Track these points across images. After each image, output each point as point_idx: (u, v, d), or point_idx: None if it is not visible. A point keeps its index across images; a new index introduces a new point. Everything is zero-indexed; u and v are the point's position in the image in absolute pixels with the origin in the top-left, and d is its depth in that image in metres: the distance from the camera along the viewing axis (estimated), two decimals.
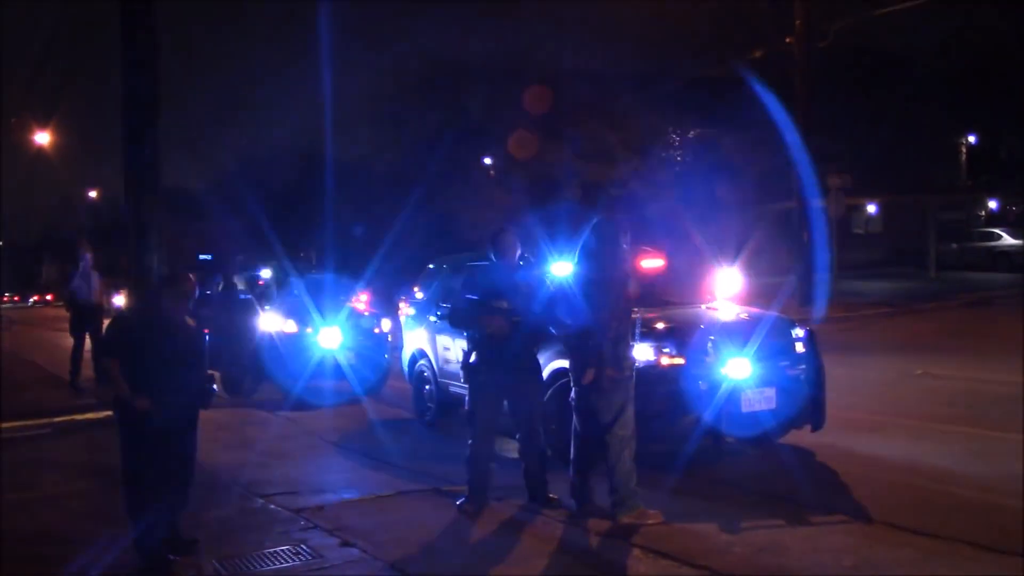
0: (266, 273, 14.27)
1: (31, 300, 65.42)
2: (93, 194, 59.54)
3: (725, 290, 9.16)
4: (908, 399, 10.41)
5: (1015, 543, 5.47)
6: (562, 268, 6.89)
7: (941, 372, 11.94)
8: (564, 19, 54.15)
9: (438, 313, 9.73)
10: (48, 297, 64.18)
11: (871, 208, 36.99)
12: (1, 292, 41.64)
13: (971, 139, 40.13)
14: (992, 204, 40.03)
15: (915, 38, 33.89)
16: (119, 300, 13.61)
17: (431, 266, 10.97)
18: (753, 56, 22.76)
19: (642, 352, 7.04)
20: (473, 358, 6.68)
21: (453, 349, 9.27)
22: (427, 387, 10.16)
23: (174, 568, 5.62)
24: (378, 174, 38.95)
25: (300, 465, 8.63)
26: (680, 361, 7.21)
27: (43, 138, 26.10)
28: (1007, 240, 32.93)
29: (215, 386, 6.33)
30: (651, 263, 8.61)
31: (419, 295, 10.74)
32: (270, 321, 12.35)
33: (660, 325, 7.50)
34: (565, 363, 6.78)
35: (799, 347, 7.70)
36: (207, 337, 5.97)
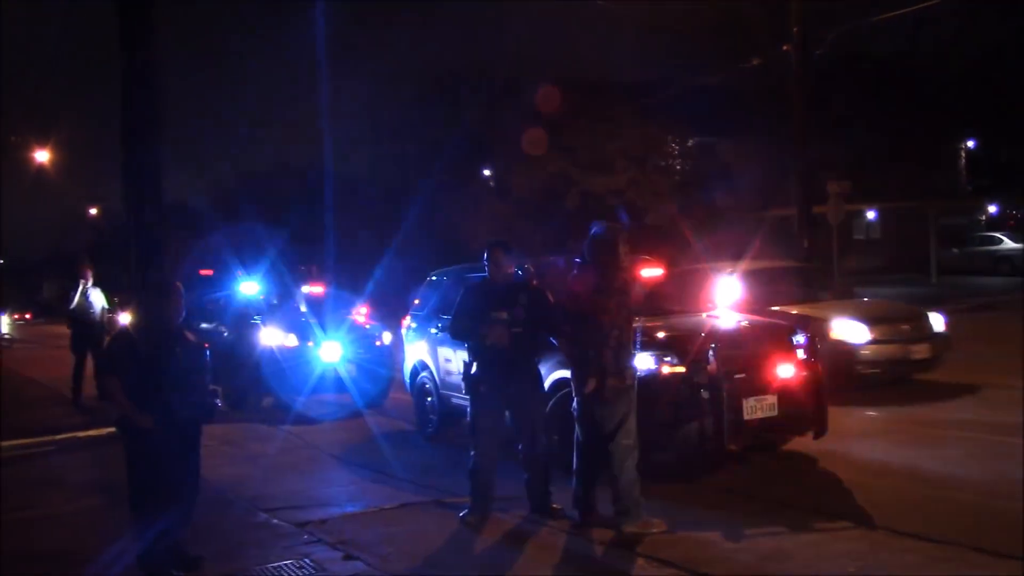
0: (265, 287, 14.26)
1: (13, 318, 64.87)
2: (94, 211, 59.72)
3: (725, 298, 9.18)
4: (909, 404, 10.39)
5: (1016, 546, 5.46)
6: (561, 277, 6.89)
7: (941, 377, 11.92)
8: (561, 28, 54.28)
9: (439, 325, 9.73)
10: (27, 316, 63.69)
11: (871, 214, 36.98)
12: (2, 310, 41.79)
13: (970, 144, 40.15)
14: (992, 209, 39.99)
15: (913, 44, 34.00)
16: (114, 318, 13.66)
17: (431, 278, 10.95)
18: (751, 64, 22.78)
19: (643, 361, 7.04)
20: (474, 369, 6.68)
21: (454, 361, 9.27)
22: (429, 399, 10.15)
23: None
24: (378, 186, 39.02)
25: (303, 479, 8.62)
26: (681, 370, 7.21)
27: (43, 156, 26.17)
28: (1008, 244, 32.95)
29: (219, 400, 6.32)
30: (651, 272, 8.62)
31: (419, 307, 10.74)
32: (272, 335, 12.36)
33: (661, 334, 7.52)
34: (567, 373, 6.78)
35: (800, 353, 7.70)
36: (208, 351, 5.95)
